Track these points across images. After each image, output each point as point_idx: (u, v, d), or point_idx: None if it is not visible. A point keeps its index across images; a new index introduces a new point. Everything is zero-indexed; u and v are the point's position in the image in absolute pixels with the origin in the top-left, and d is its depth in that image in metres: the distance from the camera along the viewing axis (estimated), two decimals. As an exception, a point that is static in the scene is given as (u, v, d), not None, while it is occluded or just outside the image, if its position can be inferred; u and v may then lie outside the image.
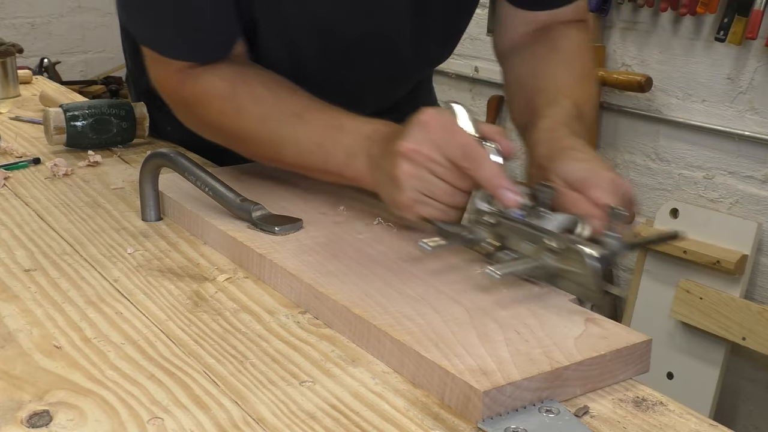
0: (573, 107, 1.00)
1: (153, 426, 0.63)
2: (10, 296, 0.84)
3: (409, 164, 0.86)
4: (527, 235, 0.82)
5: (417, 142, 0.86)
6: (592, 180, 0.84)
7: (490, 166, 0.84)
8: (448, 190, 0.87)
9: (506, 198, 0.83)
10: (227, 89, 1.04)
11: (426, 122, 0.87)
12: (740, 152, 2.32)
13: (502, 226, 0.84)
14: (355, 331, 0.75)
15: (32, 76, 1.94)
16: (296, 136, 1.00)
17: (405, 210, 0.89)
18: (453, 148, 0.85)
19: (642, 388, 0.69)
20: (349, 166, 0.96)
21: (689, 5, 2.30)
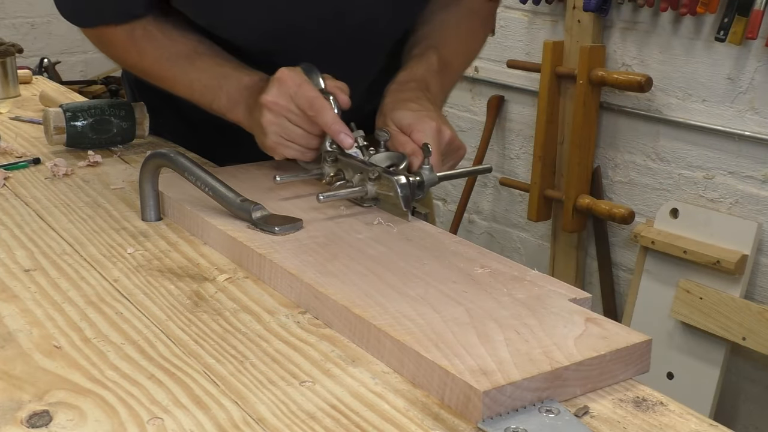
0: (438, 61, 1.17)
1: (153, 426, 0.63)
2: (10, 296, 0.84)
3: (270, 113, 1.05)
4: (357, 168, 1.02)
5: (274, 95, 1.05)
6: (417, 126, 1.03)
7: (329, 114, 1.03)
8: (302, 134, 1.06)
9: (342, 140, 1.03)
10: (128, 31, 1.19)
11: (282, 78, 1.05)
12: (740, 152, 2.32)
13: (341, 162, 1.04)
14: (355, 331, 0.75)
15: (32, 76, 1.94)
16: (188, 78, 1.17)
17: (270, 151, 1.09)
18: (302, 100, 1.04)
19: (642, 388, 0.69)
20: (231, 111, 1.14)
21: (689, 5, 2.30)
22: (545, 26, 2.77)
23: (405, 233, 0.95)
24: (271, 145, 1.07)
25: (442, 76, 1.17)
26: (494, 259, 0.87)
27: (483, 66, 3.01)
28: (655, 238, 2.43)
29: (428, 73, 1.15)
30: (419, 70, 1.15)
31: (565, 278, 2.69)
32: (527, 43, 2.84)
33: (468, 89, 3.11)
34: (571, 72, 2.57)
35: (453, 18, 1.25)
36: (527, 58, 2.82)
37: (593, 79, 2.51)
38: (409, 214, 0.97)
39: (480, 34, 1.33)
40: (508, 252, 3.03)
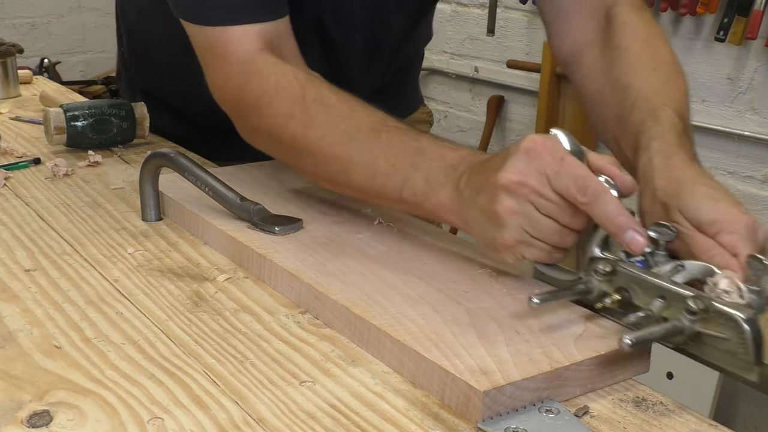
0: (678, 119, 0.88)
1: (153, 426, 0.63)
2: (10, 296, 0.84)
3: (513, 199, 0.75)
4: (654, 288, 0.70)
5: (522, 173, 0.74)
6: (726, 223, 0.74)
7: (611, 202, 0.73)
8: (556, 229, 0.76)
9: (633, 241, 0.72)
10: (297, 90, 0.93)
11: (532, 149, 0.75)
12: (740, 152, 2.32)
13: (620, 276, 0.73)
14: (355, 331, 0.75)
15: (32, 76, 1.94)
16: (371, 155, 0.88)
17: (506, 251, 0.78)
18: (566, 180, 0.73)
19: (642, 388, 0.69)
20: (430, 197, 0.83)
21: (689, 5, 2.30)
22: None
23: (405, 233, 0.95)
24: (509, 242, 0.77)
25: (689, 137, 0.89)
26: (494, 259, 0.87)
27: (483, 66, 3.01)
28: (655, 238, 2.43)
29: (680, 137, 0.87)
30: (671, 137, 0.86)
31: (565, 278, 2.68)
32: (527, 43, 2.84)
33: (468, 89, 3.11)
34: (571, 72, 2.57)
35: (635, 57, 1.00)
36: (527, 58, 2.82)
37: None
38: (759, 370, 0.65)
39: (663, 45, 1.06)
40: (508, 252, 3.02)
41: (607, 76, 1.00)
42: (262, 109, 0.95)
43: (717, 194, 0.77)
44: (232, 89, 0.99)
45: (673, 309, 0.69)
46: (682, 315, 0.67)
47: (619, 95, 0.97)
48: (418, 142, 0.86)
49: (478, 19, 2.97)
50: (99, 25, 3.76)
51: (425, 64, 3.18)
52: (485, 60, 3.00)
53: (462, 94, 3.13)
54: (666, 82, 0.96)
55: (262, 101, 0.95)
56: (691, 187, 0.78)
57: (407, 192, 0.85)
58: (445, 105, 3.21)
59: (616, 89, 0.98)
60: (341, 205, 1.03)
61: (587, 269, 0.76)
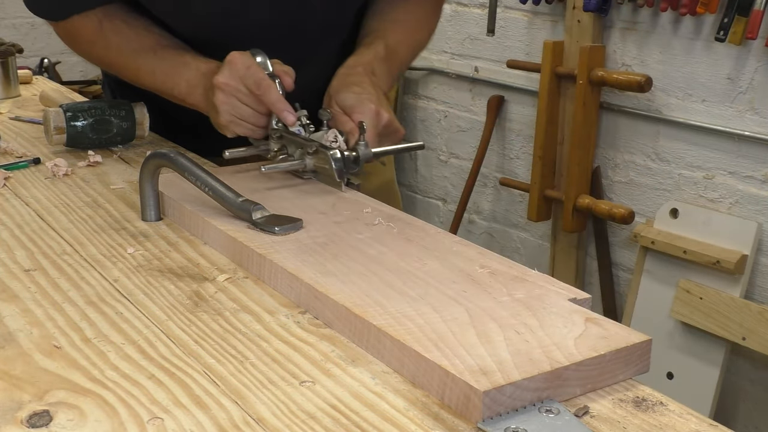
0: (384, 49, 1.26)
1: (153, 426, 0.63)
2: (10, 296, 0.84)
3: (222, 93, 1.13)
4: (298, 144, 1.12)
5: (226, 76, 1.13)
6: (358, 107, 1.12)
7: (274, 93, 1.13)
8: (251, 113, 1.15)
9: (285, 117, 1.13)
10: (96, 24, 1.27)
11: (232, 61, 1.13)
12: (740, 152, 2.32)
13: (284, 139, 1.14)
14: (355, 331, 0.75)
15: (32, 76, 1.94)
16: (151, 67, 1.25)
17: (224, 129, 1.17)
18: (250, 81, 1.12)
19: (642, 388, 0.69)
20: (190, 95, 1.22)
21: (689, 5, 2.30)
22: (545, 26, 2.77)
23: (405, 233, 0.95)
24: (224, 123, 1.15)
25: (388, 62, 1.26)
26: (494, 259, 0.87)
27: (483, 66, 3.01)
28: (655, 238, 2.43)
29: (375, 60, 1.24)
30: (366, 56, 1.24)
31: (565, 278, 2.69)
32: (527, 43, 2.84)
33: (468, 89, 3.11)
34: (571, 72, 2.57)
35: (400, 10, 1.34)
36: (527, 58, 2.82)
37: (593, 79, 2.51)
38: (342, 185, 1.07)
39: (428, 22, 1.41)
40: (508, 252, 3.03)
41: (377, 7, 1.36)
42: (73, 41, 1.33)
43: (360, 90, 1.15)
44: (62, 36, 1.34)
45: (303, 154, 1.11)
46: (307, 156, 1.10)
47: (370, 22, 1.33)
48: (183, 57, 1.24)
49: (478, 19, 2.96)
50: (99, 25, 3.75)
51: (425, 63, 3.20)
52: (485, 60, 3.00)
53: (462, 94, 3.13)
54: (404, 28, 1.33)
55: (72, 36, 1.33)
56: (348, 87, 1.17)
57: (176, 92, 1.24)
58: (445, 105, 3.21)
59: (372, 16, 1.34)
60: (341, 206, 1.03)
61: (269, 136, 1.16)
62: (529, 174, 2.80)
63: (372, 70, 1.22)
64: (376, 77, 1.21)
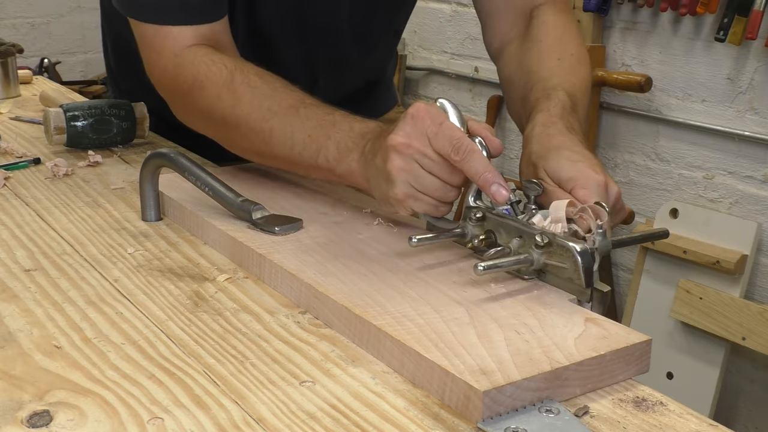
0: (567, 98, 1.01)
1: (153, 426, 0.63)
2: (10, 296, 0.84)
3: (400, 158, 0.86)
4: (514, 230, 0.83)
5: (407, 135, 0.86)
6: (580, 180, 0.86)
7: (480, 160, 0.84)
8: (439, 185, 0.87)
9: (496, 193, 0.84)
10: (225, 75, 1.05)
11: (416, 115, 0.86)
12: (740, 152, 2.32)
13: (489, 221, 0.86)
14: (355, 331, 0.75)
15: (32, 76, 1.94)
16: (290, 128, 0.99)
17: (397, 205, 0.89)
18: (443, 142, 0.84)
19: (642, 388, 0.69)
20: (341, 163, 0.95)
21: (689, 5, 2.30)
22: (545, 26, 2.77)
23: (405, 233, 0.95)
24: (400, 197, 0.87)
25: (576, 113, 1.01)
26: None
27: (483, 66, 3.01)
28: (655, 238, 2.43)
29: (564, 112, 0.99)
30: (556, 109, 0.99)
31: (565, 278, 2.68)
32: (527, 43, 2.84)
33: (468, 89, 3.11)
34: (571, 72, 2.57)
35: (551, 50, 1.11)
36: (527, 58, 2.82)
37: (593, 79, 2.50)
38: (590, 293, 0.78)
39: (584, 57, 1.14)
40: (508, 252, 3.02)
41: (519, 64, 1.14)
42: (194, 93, 1.07)
43: (577, 157, 0.89)
44: (167, 80, 1.10)
45: (526, 246, 0.81)
46: (532, 249, 0.80)
47: (524, 79, 1.09)
48: (332, 116, 0.98)
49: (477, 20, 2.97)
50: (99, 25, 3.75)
51: (425, 63, 3.19)
52: (485, 60, 2.99)
53: (462, 94, 3.13)
54: (566, 69, 1.08)
55: (194, 87, 1.07)
56: (557, 152, 0.90)
57: (321, 159, 0.97)
58: (445, 105, 3.21)
59: (523, 74, 1.11)
60: (341, 206, 1.03)
61: (464, 217, 0.88)
62: (529, 174, 2.80)
63: (571, 125, 0.97)
64: (578, 135, 0.96)
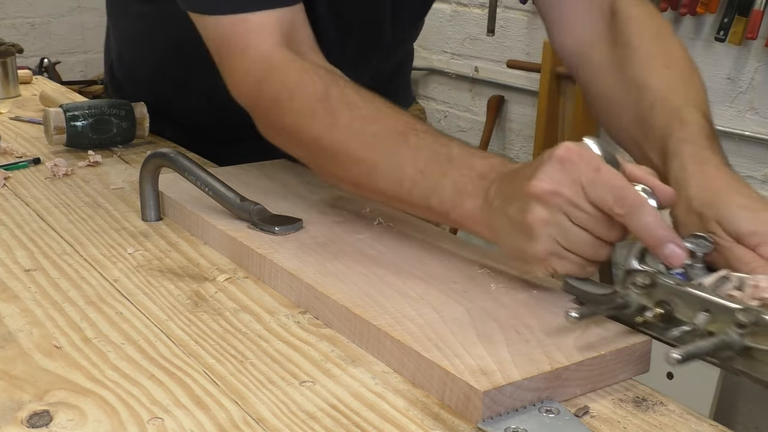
0: (704, 121, 0.87)
1: (153, 426, 0.63)
2: (10, 296, 0.84)
3: (545, 209, 0.72)
4: (698, 301, 0.67)
5: (556, 182, 0.71)
6: (766, 234, 0.72)
7: (650, 213, 0.70)
8: (591, 242, 0.73)
9: (673, 255, 0.69)
10: (320, 88, 0.89)
11: (566, 158, 0.71)
12: (740, 152, 2.32)
13: (660, 289, 0.70)
14: (355, 331, 0.75)
15: (32, 76, 1.94)
16: (399, 161, 0.84)
17: (537, 264, 0.75)
18: (602, 191, 0.70)
19: (642, 388, 0.69)
20: (457, 207, 0.80)
21: (689, 5, 2.30)
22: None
23: (405, 233, 0.95)
24: (541, 254, 0.73)
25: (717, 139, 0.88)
26: (494, 259, 0.87)
27: (483, 66, 3.01)
28: (655, 238, 2.42)
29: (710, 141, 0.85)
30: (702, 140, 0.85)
31: (565, 278, 2.68)
32: (527, 43, 2.84)
33: (468, 89, 3.11)
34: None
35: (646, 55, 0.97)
36: (527, 58, 2.82)
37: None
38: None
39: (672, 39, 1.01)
40: (508, 252, 3.02)
41: (619, 75, 0.98)
42: (283, 105, 0.91)
43: (756, 204, 0.75)
44: (251, 84, 0.94)
45: (719, 322, 0.65)
46: (730, 328, 0.64)
47: (635, 95, 0.94)
48: (448, 149, 0.82)
49: (478, 19, 2.96)
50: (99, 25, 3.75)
51: (425, 63, 3.19)
52: (485, 60, 3.00)
53: (462, 94, 3.13)
54: (683, 81, 0.94)
55: (282, 97, 0.91)
56: (728, 197, 0.76)
57: (435, 200, 0.82)
58: (445, 105, 3.21)
59: (632, 89, 0.95)
60: (341, 206, 1.03)
61: (624, 282, 0.72)
62: (529, 174, 2.80)
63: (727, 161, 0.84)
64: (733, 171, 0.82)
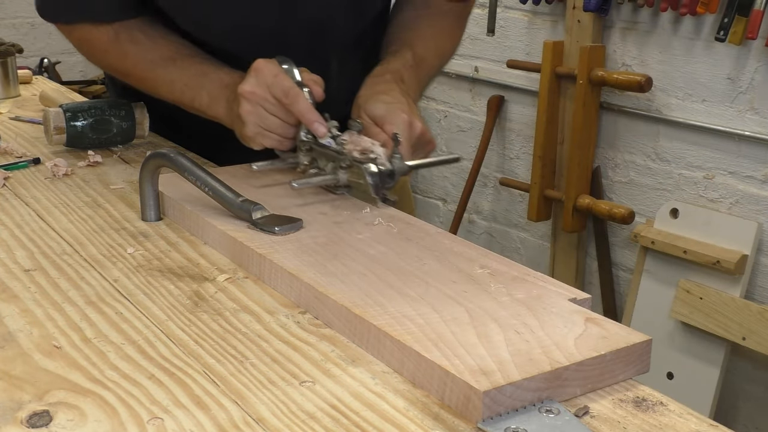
0: (412, 57, 1.21)
1: (153, 426, 0.63)
2: (10, 296, 0.84)
3: (248, 103, 1.08)
4: (330, 157, 1.06)
5: (252, 85, 1.07)
6: (389, 117, 1.07)
7: (304, 103, 1.06)
8: (279, 124, 1.09)
9: (315, 129, 1.06)
10: (111, 35, 1.23)
11: (258, 69, 1.08)
12: (740, 152, 2.32)
13: (314, 151, 1.08)
14: (355, 331, 0.75)
15: (32, 76, 1.94)
16: (170, 78, 1.20)
17: (250, 141, 1.11)
18: (278, 90, 1.07)
19: (642, 388, 0.69)
20: (212, 107, 1.17)
21: (689, 5, 2.30)
22: (545, 26, 2.77)
23: (405, 233, 0.95)
24: (250, 134, 1.09)
25: (417, 70, 1.21)
26: (494, 259, 0.87)
27: (483, 66, 3.01)
28: (655, 238, 2.43)
29: (403, 67, 1.19)
30: (394, 64, 1.19)
31: (565, 278, 2.69)
32: (527, 43, 2.84)
33: (468, 89, 3.11)
34: (571, 72, 2.57)
35: (425, 19, 1.30)
36: (527, 58, 2.82)
37: (593, 79, 2.51)
38: (378, 201, 1.01)
39: (453, 32, 1.36)
40: (508, 252, 3.03)
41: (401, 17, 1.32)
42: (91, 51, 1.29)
43: (392, 99, 1.10)
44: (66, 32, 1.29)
45: (336, 167, 1.04)
46: (340, 170, 1.04)
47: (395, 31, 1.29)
48: (204, 67, 1.19)
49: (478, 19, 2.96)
50: (99, 25, 3.75)
51: (425, 64, 3.18)
52: (485, 60, 3.00)
53: (462, 94, 3.13)
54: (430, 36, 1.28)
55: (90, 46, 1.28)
56: (376, 96, 1.11)
57: (196, 104, 1.19)
58: (445, 105, 3.21)
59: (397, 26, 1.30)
60: (341, 206, 1.03)
61: (297, 149, 1.10)
62: (529, 174, 2.80)
63: (401, 77, 1.17)
64: (405, 85, 1.16)
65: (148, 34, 1.22)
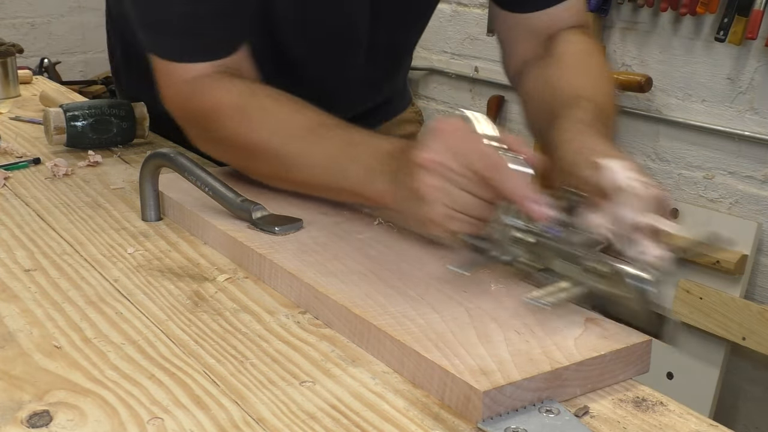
0: (595, 107, 0.95)
1: (153, 426, 0.63)
2: (10, 296, 0.84)
3: (431, 176, 0.81)
4: (559, 253, 0.76)
5: (435, 151, 0.81)
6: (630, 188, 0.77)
7: (513, 176, 0.79)
8: (474, 202, 0.80)
9: (534, 211, 0.78)
10: (237, 100, 1.02)
11: (443, 130, 0.82)
12: (740, 152, 2.32)
13: (538, 244, 0.78)
14: (355, 331, 0.75)
15: (32, 76, 1.94)
16: (310, 152, 0.96)
17: (434, 227, 0.83)
18: (474, 158, 0.79)
19: (642, 388, 0.69)
20: (369, 184, 0.91)
21: (689, 5, 2.30)
22: (545, 26, 2.76)
23: (405, 233, 0.94)
24: (436, 216, 0.82)
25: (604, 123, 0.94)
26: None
27: (483, 66, 3.01)
28: (655, 238, 2.43)
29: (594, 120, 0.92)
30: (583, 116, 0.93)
31: (565, 278, 2.68)
32: (527, 43, 2.84)
33: (468, 89, 3.11)
34: (571, 72, 2.57)
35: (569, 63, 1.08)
36: (527, 58, 2.82)
37: (593, 79, 2.51)
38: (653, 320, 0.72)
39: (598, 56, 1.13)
40: (508, 252, 3.02)
41: (539, 79, 1.09)
42: (209, 119, 1.04)
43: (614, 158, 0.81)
44: (179, 103, 1.08)
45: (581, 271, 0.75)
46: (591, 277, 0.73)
47: (547, 92, 1.05)
48: (354, 136, 0.95)
49: (478, 19, 2.96)
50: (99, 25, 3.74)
51: (425, 63, 3.19)
52: (485, 60, 3.00)
53: (462, 94, 3.13)
54: (593, 84, 1.03)
55: (208, 113, 1.04)
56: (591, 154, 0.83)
57: (348, 182, 0.93)
58: (445, 105, 3.21)
59: (546, 88, 1.06)
60: (341, 206, 1.03)
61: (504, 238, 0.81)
62: (529, 174, 2.80)
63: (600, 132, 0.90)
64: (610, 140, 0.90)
65: (282, 102, 1.01)
